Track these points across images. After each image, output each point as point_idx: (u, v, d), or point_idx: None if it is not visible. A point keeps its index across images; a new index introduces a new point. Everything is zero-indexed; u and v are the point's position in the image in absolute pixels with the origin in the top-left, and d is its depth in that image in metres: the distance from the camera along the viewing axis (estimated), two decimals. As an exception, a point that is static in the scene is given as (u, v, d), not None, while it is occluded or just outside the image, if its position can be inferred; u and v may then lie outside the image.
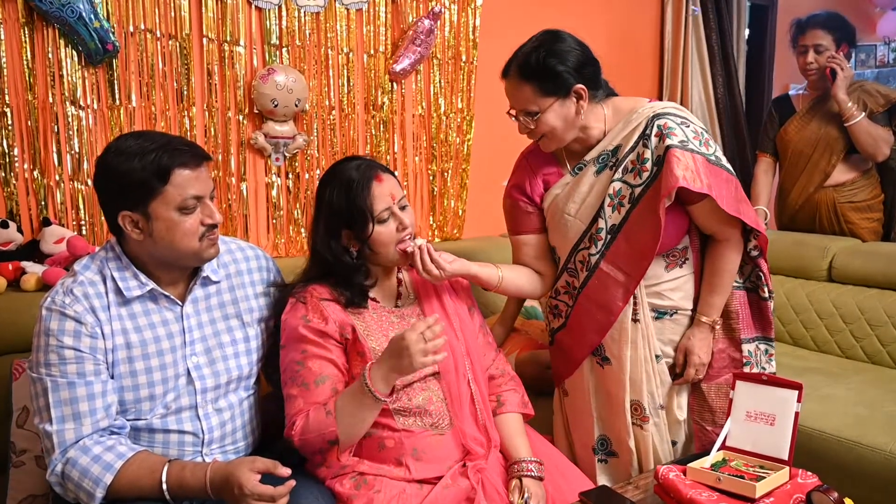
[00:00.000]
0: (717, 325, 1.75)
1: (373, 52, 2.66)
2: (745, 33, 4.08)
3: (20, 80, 2.05)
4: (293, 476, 1.30)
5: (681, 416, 1.79)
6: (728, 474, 1.44)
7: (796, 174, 2.98)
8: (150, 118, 2.26)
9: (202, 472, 1.31)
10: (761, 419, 1.54)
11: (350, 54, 2.60)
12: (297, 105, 2.42)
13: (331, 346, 1.51)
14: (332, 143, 2.61)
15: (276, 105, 2.37)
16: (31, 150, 2.09)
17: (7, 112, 2.04)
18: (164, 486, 1.31)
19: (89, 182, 2.17)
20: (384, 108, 2.71)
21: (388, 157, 2.75)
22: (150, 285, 1.44)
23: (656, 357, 1.74)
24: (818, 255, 2.81)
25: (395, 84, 2.72)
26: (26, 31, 2.04)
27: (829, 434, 2.04)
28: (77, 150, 2.15)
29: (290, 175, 2.55)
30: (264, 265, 1.65)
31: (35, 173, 2.11)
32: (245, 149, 2.45)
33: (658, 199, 1.58)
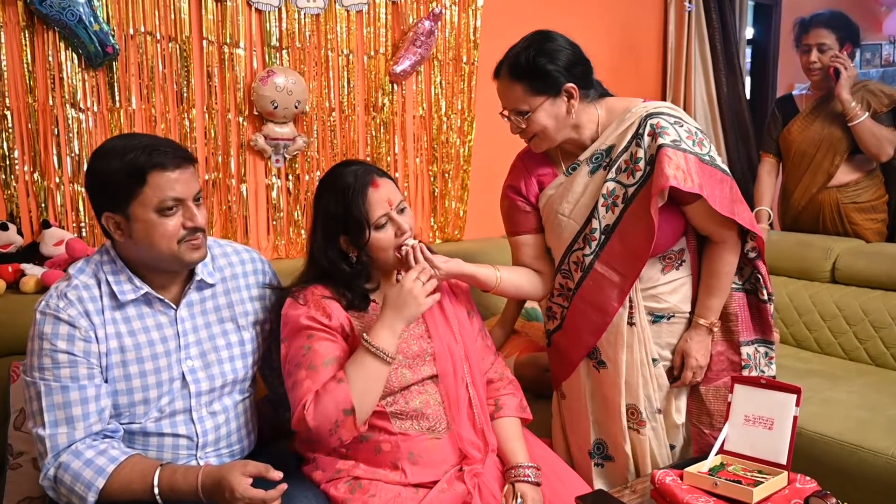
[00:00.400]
0: (716, 328, 1.74)
1: (373, 54, 2.65)
2: (747, 32, 4.05)
3: (20, 82, 2.06)
4: (287, 480, 1.29)
5: (679, 419, 1.78)
6: (725, 479, 1.43)
7: (799, 174, 2.96)
8: (150, 120, 2.26)
9: (194, 475, 1.31)
10: (760, 423, 1.53)
11: (350, 56, 2.60)
12: (297, 107, 2.42)
13: (335, 336, 1.50)
14: (332, 144, 2.61)
15: (276, 107, 2.37)
16: (32, 153, 2.10)
17: (7, 115, 2.04)
18: (156, 490, 1.31)
19: (89, 184, 2.18)
20: (384, 110, 2.70)
21: (388, 158, 2.74)
22: (145, 289, 1.43)
23: (653, 361, 1.73)
24: (821, 256, 2.79)
25: (396, 85, 2.72)
26: (26, 35, 2.04)
27: (831, 438, 2.02)
28: (77, 152, 2.15)
29: (291, 177, 2.55)
30: (260, 268, 1.65)
31: (35, 175, 2.11)
32: (245, 150, 2.45)
33: (651, 199, 1.57)
